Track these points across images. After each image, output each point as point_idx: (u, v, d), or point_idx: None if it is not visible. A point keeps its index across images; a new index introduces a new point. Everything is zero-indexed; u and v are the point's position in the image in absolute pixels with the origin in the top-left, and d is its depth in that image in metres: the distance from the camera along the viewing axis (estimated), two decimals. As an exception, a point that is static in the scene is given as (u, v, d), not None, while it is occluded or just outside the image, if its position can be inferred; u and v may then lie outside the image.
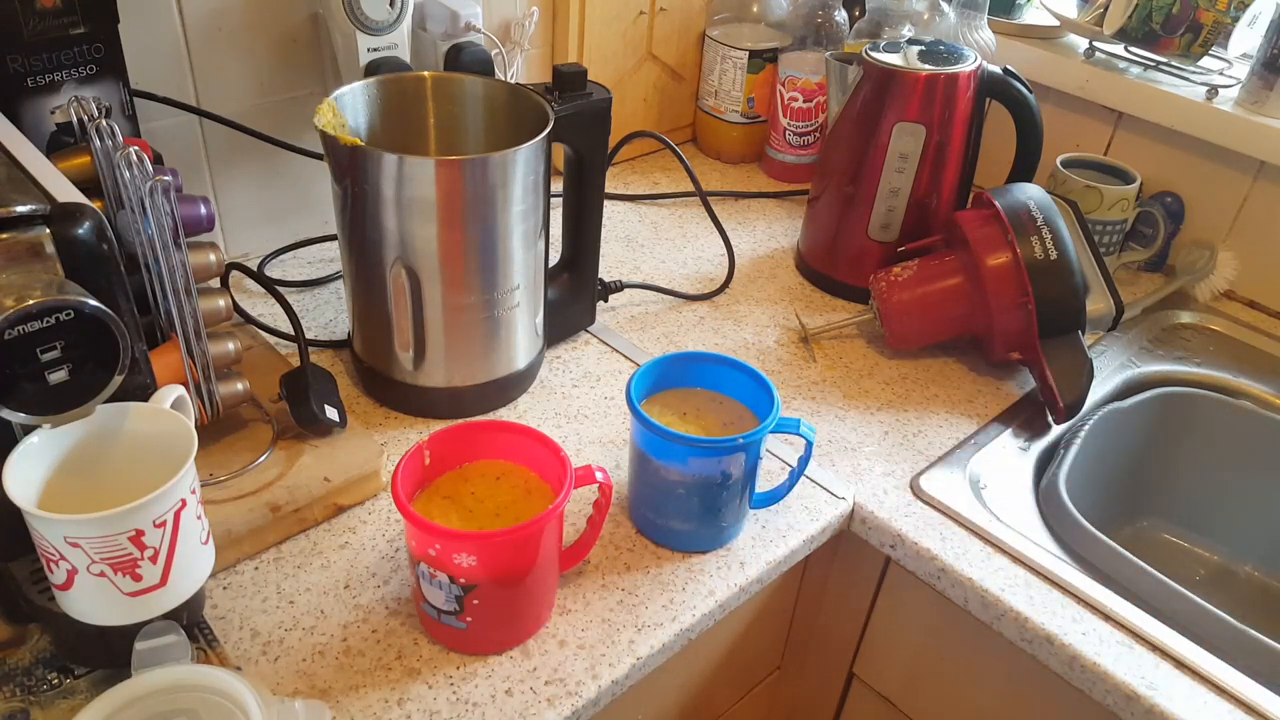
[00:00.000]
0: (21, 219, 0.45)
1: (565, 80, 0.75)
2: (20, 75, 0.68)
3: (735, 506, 0.67)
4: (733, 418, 0.68)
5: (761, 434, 0.63)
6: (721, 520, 0.67)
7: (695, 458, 0.62)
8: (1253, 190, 1.02)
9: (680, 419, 0.67)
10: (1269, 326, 1.02)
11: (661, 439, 0.62)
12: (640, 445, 0.65)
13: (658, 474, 0.64)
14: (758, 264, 1.05)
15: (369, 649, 0.59)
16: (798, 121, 1.19)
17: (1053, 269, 0.81)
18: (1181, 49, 1.03)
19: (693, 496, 0.64)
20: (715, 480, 0.63)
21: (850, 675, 0.86)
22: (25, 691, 0.54)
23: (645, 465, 0.65)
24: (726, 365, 0.69)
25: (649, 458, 0.64)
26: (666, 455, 0.63)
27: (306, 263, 0.96)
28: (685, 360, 0.69)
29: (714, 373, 0.70)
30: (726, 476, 0.64)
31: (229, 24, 0.84)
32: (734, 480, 0.64)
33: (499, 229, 0.71)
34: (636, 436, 0.66)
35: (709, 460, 0.62)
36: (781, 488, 0.71)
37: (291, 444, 0.69)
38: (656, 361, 0.68)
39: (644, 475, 0.66)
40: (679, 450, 0.62)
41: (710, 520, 0.66)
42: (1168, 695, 0.62)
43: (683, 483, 0.64)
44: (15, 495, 0.45)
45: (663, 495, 0.65)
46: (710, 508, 0.65)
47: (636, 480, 0.68)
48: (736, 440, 0.62)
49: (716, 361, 0.69)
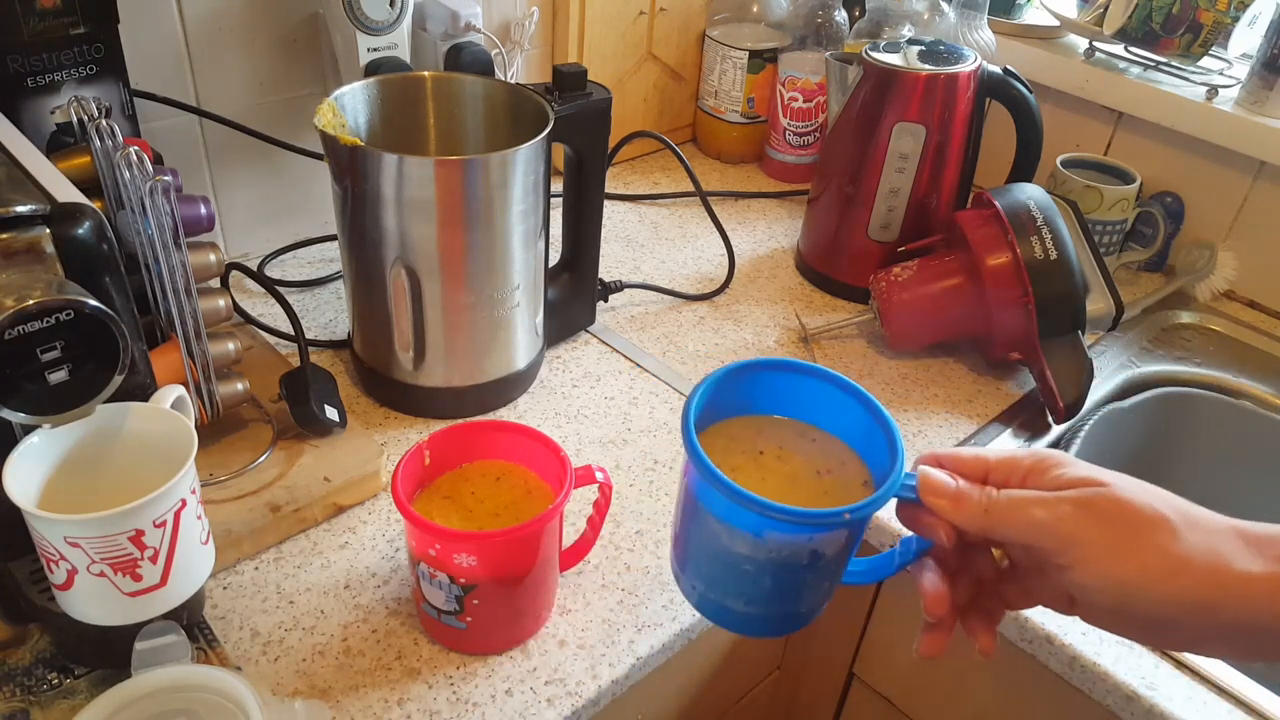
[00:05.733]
0: (21, 219, 0.45)
1: (565, 80, 0.75)
2: (20, 75, 0.68)
3: (823, 590, 0.48)
4: (830, 464, 0.48)
5: (877, 505, 0.43)
6: (800, 606, 0.48)
7: (775, 531, 0.43)
8: (1253, 190, 1.02)
9: (754, 461, 0.48)
10: (1269, 326, 1.02)
11: (727, 498, 0.42)
12: (696, 495, 0.46)
13: (718, 539, 0.45)
14: (758, 264, 1.05)
15: (369, 649, 0.59)
16: (798, 121, 1.19)
17: (1053, 269, 0.81)
18: (1181, 49, 1.03)
19: (765, 576, 0.45)
20: (800, 561, 0.44)
21: (850, 675, 0.86)
22: (25, 691, 0.54)
23: (701, 523, 0.46)
24: (826, 383, 0.49)
25: (707, 515, 0.45)
26: (733, 518, 0.44)
27: (306, 263, 0.96)
28: (766, 372, 0.49)
29: (806, 393, 0.49)
30: (816, 558, 0.44)
31: (229, 24, 0.84)
32: (826, 561, 0.45)
33: (499, 229, 0.71)
34: (691, 481, 0.46)
35: (795, 537, 0.43)
36: (884, 561, 0.49)
37: (291, 444, 0.69)
38: (726, 373, 0.48)
39: (698, 535, 0.47)
40: (751, 518, 0.43)
41: (785, 604, 0.48)
42: (1168, 695, 0.62)
43: (753, 559, 0.45)
44: (15, 495, 0.45)
45: (722, 567, 0.47)
46: (787, 592, 0.47)
47: (687, 537, 0.48)
48: (840, 515, 0.42)
49: (811, 376, 0.49)
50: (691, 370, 0.87)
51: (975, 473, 0.44)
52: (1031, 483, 0.43)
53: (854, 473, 0.48)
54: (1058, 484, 0.42)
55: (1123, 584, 0.40)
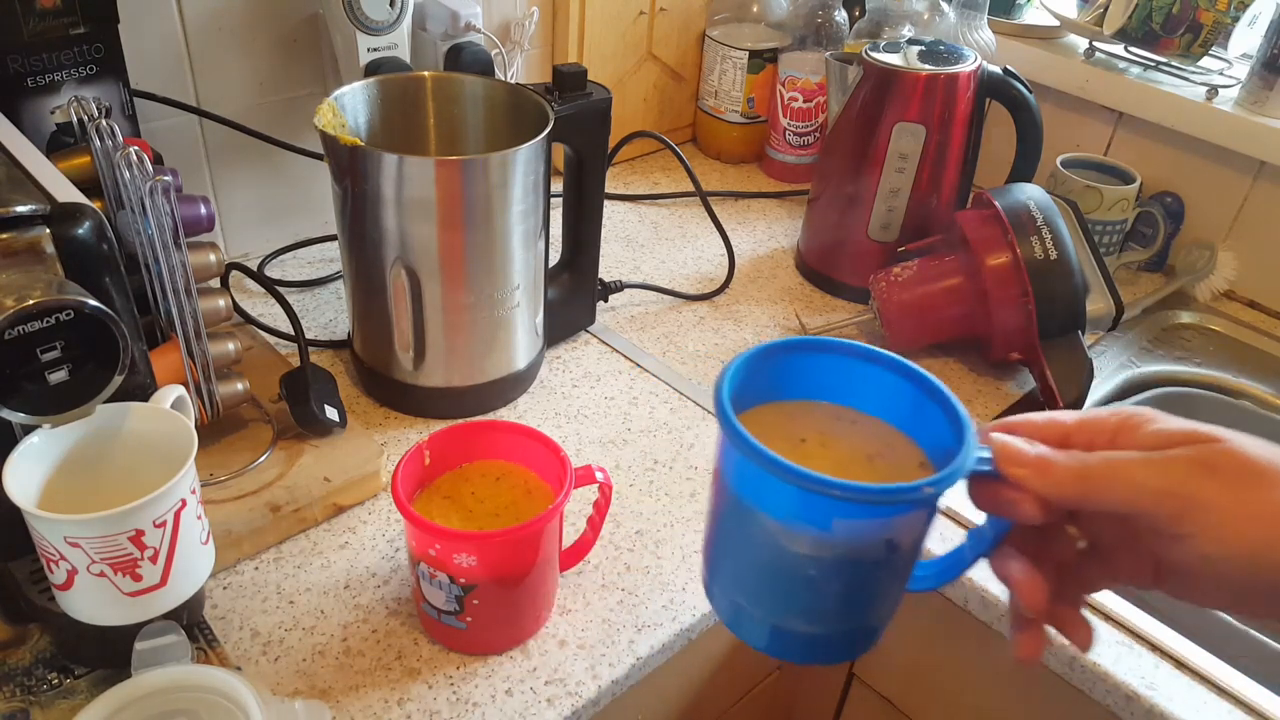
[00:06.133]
0: (21, 219, 0.45)
1: (565, 80, 0.75)
2: (20, 75, 0.68)
3: (894, 595, 0.41)
4: (878, 446, 0.42)
5: (954, 478, 0.37)
6: (873, 617, 0.41)
7: (847, 519, 0.36)
8: (1253, 190, 1.02)
9: (796, 450, 0.41)
10: (1269, 326, 1.02)
11: (790, 485, 0.36)
12: (740, 494, 0.39)
13: (773, 544, 0.38)
14: (758, 264, 1.05)
15: (369, 649, 0.59)
16: (798, 121, 1.19)
17: (1053, 269, 0.81)
18: (1181, 49, 1.03)
19: (832, 581, 0.39)
20: (874, 554, 0.38)
21: (850, 675, 0.86)
22: (25, 691, 0.54)
23: (749, 528, 0.39)
24: (861, 360, 0.43)
25: (759, 516, 0.38)
26: (794, 512, 0.37)
27: (306, 263, 0.96)
28: (796, 354, 0.43)
29: (839, 373, 0.43)
30: (892, 550, 0.39)
31: (229, 24, 0.84)
32: (902, 553, 0.39)
33: (499, 229, 0.71)
34: (732, 477, 0.39)
35: (869, 524, 0.37)
36: (954, 559, 0.42)
37: (291, 444, 0.69)
38: (753, 355, 0.41)
39: (745, 545, 0.40)
40: (819, 507, 0.36)
41: (855, 616, 0.41)
42: (1168, 695, 0.61)
43: (818, 560, 0.38)
44: (15, 495, 0.45)
45: (779, 579, 0.40)
46: (859, 599, 0.40)
47: (726, 547, 0.41)
48: (919, 489, 0.35)
49: (845, 354, 0.43)
50: (691, 370, 0.87)
51: (1053, 437, 0.39)
52: (1123, 442, 0.38)
53: (906, 454, 0.42)
54: (1157, 441, 0.37)
55: (1254, 551, 0.35)
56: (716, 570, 0.43)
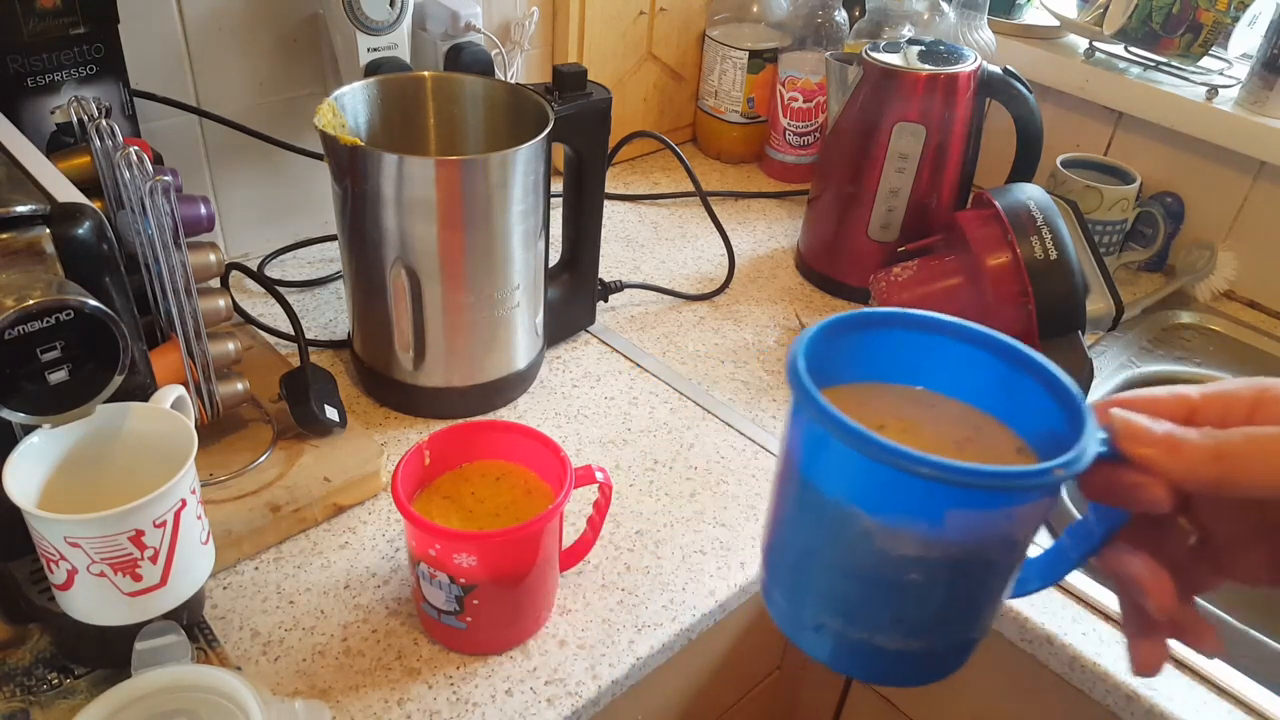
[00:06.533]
0: (21, 219, 0.45)
1: (565, 80, 0.75)
2: (20, 75, 0.68)
3: (1001, 600, 0.36)
4: (966, 431, 0.37)
5: (1084, 460, 0.31)
6: (976, 627, 0.36)
7: (964, 510, 0.31)
8: (1253, 190, 1.02)
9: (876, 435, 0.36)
10: (1269, 326, 1.02)
11: (894, 474, 0.30)
12: (824, 486, 0.33)
13: (867, 546, 0.33)
14: (758, 264, 1.05)
15: (369, 649, 0.59)
16: (798, 121, 1.19)
17: (1053, 269, 0.81)
18: (1181, 49, 1.03)
19: (938, 586, 0.33)
20: (989, 553, 0.33)
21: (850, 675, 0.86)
22: (25, 691, 0.54)
23: (834, 526, 0.33)
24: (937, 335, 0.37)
25: (851, 514, 0.32)
26: (898, 507, 0.32)
27: (306, 263, 0.96)
28: (864, 329, 0.37)
29: (913, 350, 0.37)
30: (1009, 545, 0.33)
31: (229, 24, 0.84)
32: (1017, 550, 0.34)
33: (499, 229, 0.71)
34: (813, 468, 0.34)
35: (988, 516, 0.32)
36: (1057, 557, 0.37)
37: (291, 444, 0.69)
38: (823, 329, 0.35)
39: (825, 545, 0.34)
40: (932, 496, 0.31)
41: (959, 627, 0.35)
42: (1168, 695, 0.61)
43: (923, 562, 0.32)
44: (15, 495, 0.45)
45: (869, 585, 0.34)
46: (966, 606, 0.35)
47: (801, 551, 0.36)
48: (1049, 471, 0.30)
49: (918, 328, 0.37)
50: (691, 370, 0.87)
51: (1178, 413, 0.34)
52: (1263, 417, 0.33)
53: (998, 438, 0.36)
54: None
55: None
56: (783, 577, 0.37)
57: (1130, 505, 0.34)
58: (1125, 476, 0.33)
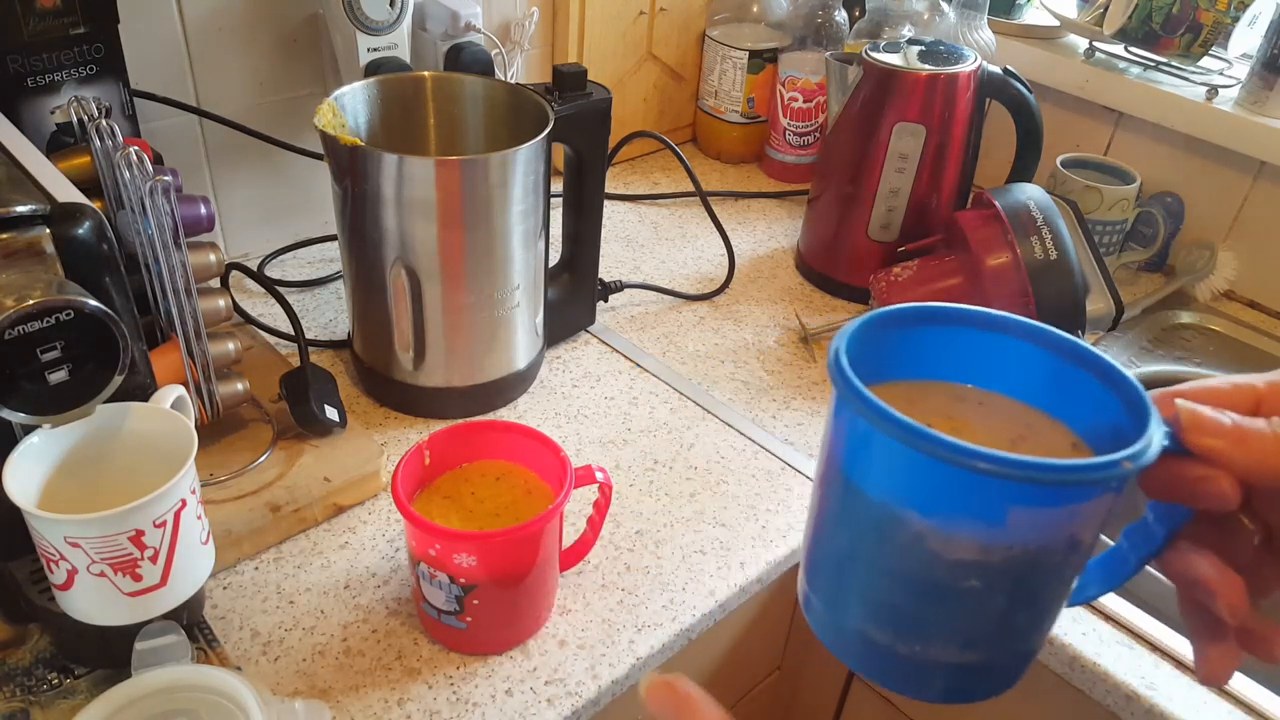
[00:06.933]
0: (21, 219, 0.45)
1: (565, 80, 0.75)
2: (20, 75, 0.68)
3: (1059, 608, 0.33)
4: (1018, 429, 0.35)
5: (1150, 454, 0.29)
6: (1034, 638, 0.34)
7: (1028, 507, 0.29)
8: (1253, 190, 1.02)
9: None
10: (1269, 326, 1.02)
11: (951, 472, 0.28)
12: (871, 488, 0.31)
13: (919, 549, 0.30)
14: (758, 264, 1.05)
15: (369, 649, 0.59)
16: (798, 121, 1.19)
17: (1053, 269, 0.81)
18: (1181, 49, 1.03)
19: (998, 592, 0.31)
20: (1053, 555, 0.31)
21: (850, 675, 0.86)
22: (25, 691, 0.54)
23: (884, 530, 0.31)
24: (984, 329, 0.35)
25: (900, 516, 0.30)
26: (955, 507, 0.29)
27: (306, 263, 0.96)
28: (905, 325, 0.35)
29: (957, 346, 0.35)
30: (1073, 546, 0.31)
31: (229, 24, 0.84)
32: (1081, 553, 0.31)
33: (499, 229, 0.71)
34: (858, 469, 0.32)
35: (1051, 515, 0.30)
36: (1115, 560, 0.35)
37: (291, 444, 0.69)
38: (864, 324, 0.33)
39: (873, 551, 0.32)
40: (993, 495, 0.29)
41: (1016, 638, 0.33)
42: (1168, 695, 0.61)
43: (982, 567, 0.30)
44: (15, 495, 0.45)
45: (924, 593, 0.32)
46: (1027, 613, 0.32)
47: (845, 558, 0.34)
48: (1117, 464, 0.28)
49: (963, 323, 0.35)
50: (691, 370, 0.87)
51: (1244, 404, 0.32)
52: None
53: (1053, 436, 0.34)
54: None
55: None
56: (825, 586, 0.34)
57: (1194, 501, 0.32)
58: (1190, 470, 0.31)
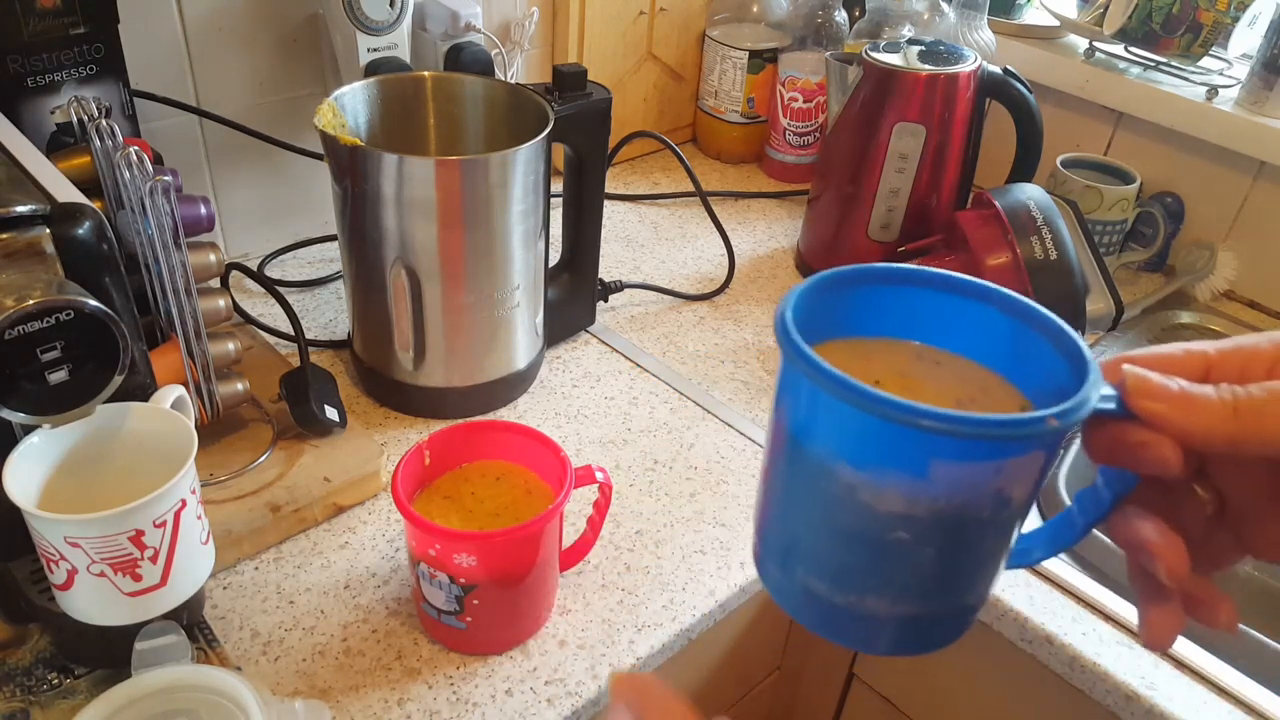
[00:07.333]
0: (21, 219, 0.45)
1: (565, 80, 0.75)
2: (20, 75, 0.68)
3: (996, 563, 0.34)
4: (970, 390, 0.35)
5: (1082, 411, 0.29)
6: (970, 594, 0.34)
7: (949, 460, 0.29)
8: (1253, 190, 1.02)
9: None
10: (1269, 326, 1.02)
11: (873, 421, 0.29)
12: (807, 439, 0.32)
13: (850, 500, 0.31)
14: (758, 264, 1.05)
15: (369, 649, 0.59)
16: (798, 121, 1.19)
17: (1053, 269, 0.81)
18: (1181, 49, 1.03)
19: (926, 545, 0.31)
20: (980, 510, 0.31)
21: (850, 675, 0.86)
22: (25, 691, 0.54)
23: (819, 481, 0.32)
24: (945, 292, 0.35)
25: (832, 466, 0.31)
26: (879, 458, 0.30)
27: (306, 263, 0.96)
28: (869, 284, 0.36)
29: (917, 307, 0.36)
30: (1002, 502, 0.31)
31: (229, 24, 0.84)
32: (1012, 509, 0.32)
33: (499, 229, 0.71)
34: (797, 420, 0.32)
35: (977, 468, 0.30)
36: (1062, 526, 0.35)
37: (291, 444, 0.69)
38: (821, 281, 0.34)
39: (811, 502, 0.33)
40: (914, 445, 0.29)
41: (949, 592, 0.34)
42: (1168, 695, 0.61)
43: (909, 518, 0.31)
44: (15, 495, 0.45)
45: (855, 544, 0.32)
46: (957, 567, 0.33)
47: (788, 511, 0.35)
48: (1043, 420, 0.28)
49: (927, 284, 0.36)
50: (691, 370, 0.87)
51: (1193, 370, 0.31)
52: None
53: (1003, 398, 0.34)
54: None
55: None
56: (773, 542, 0.35)
57: (1137, 466, 0.32)
58: (1134, 435, 0.30)
